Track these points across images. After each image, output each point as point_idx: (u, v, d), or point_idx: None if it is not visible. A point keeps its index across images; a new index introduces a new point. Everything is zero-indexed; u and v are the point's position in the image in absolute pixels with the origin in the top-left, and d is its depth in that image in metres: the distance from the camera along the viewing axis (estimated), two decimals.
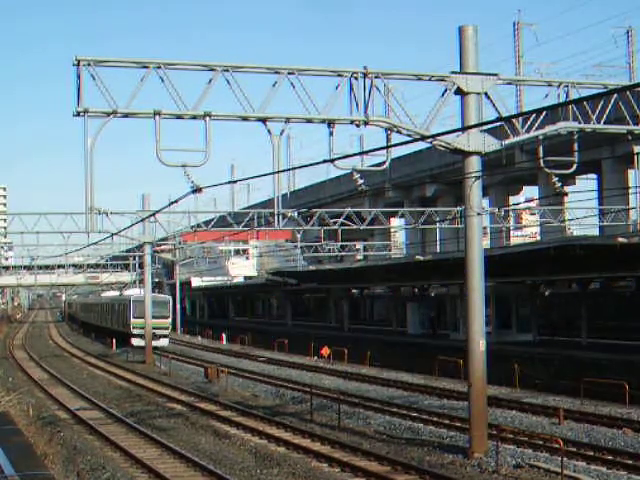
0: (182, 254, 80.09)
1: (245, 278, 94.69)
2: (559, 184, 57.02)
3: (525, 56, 59.33)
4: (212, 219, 56.33)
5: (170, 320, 60.96)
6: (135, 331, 57.26)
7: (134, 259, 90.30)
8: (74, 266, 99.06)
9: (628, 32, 57.68)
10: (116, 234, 42.61)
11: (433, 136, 18.79)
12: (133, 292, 69.56)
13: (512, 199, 76.87)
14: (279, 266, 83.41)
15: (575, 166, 23.37)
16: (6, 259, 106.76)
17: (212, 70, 18.53)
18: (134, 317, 57.43)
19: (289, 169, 61.33)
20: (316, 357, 46.28)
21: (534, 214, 65.49)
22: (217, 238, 72.16)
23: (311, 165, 20.15)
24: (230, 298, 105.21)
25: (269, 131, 19.25)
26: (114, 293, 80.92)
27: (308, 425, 24.69)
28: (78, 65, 17.87)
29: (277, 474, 18.59)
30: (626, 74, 55.99)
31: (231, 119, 19.23)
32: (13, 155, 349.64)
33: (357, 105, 19.04)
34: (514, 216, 73.36)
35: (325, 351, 44.39)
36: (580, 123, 21.46)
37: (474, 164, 19.63)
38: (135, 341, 57.00)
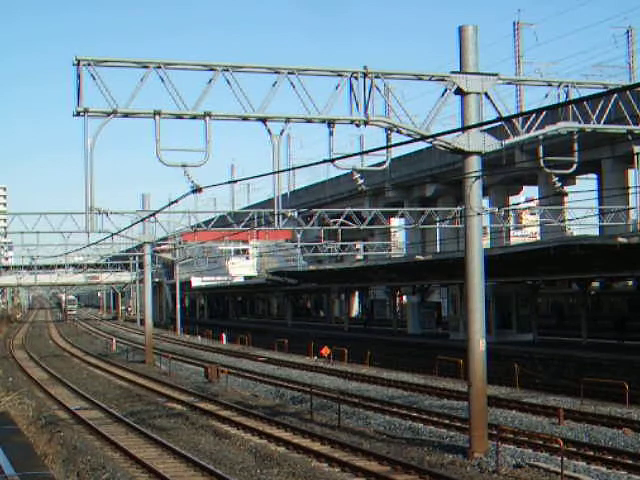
0: (182, 254, 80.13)
1: (245, 278, 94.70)
2: (559, 184, 57.12)
3: (525, 56, 59.51)
4: (212, 219, 56.33)
5: (76, 306, 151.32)
6: (68, 312, 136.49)
7: (134, 259, 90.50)
8: (74, 266, 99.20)
9: (628, 32, 57.74)
10: (116, 234, 42.60)
11: (433, 136, 18.77)
12: (70, 295, 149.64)
13: (512, 199, 76.94)
14: (279, 266, 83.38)
15: (575, 166, 23.36)
16: (6, 259, 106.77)
17: (212, 70, 18.51)
18: (67, 305, 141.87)
19: (289, 169, 61.19)
20: (316, 357, 46.25)
21: (534, 214, 65.52)
22: (217, 238, 72.18)
23: (311, 165, 20.11)
24: (230, 298, 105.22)
25: (269, 131, 19.23)
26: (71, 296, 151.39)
27: (308, 425, 24.66)
28: (78, 65, 17.85)
29: (277, 474, 18.57)
30: (626, 74, 56.02)
31: (231, 119, 19.20)
32: (13, 155, 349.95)
33: (357, 105, 19.02)
34: (514, 216, 73.36)
35: (325, 351, 44.35)
36: (580, 123, 21.43)
37: (474, 164, 19.62)
38: (69, 315, 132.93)
